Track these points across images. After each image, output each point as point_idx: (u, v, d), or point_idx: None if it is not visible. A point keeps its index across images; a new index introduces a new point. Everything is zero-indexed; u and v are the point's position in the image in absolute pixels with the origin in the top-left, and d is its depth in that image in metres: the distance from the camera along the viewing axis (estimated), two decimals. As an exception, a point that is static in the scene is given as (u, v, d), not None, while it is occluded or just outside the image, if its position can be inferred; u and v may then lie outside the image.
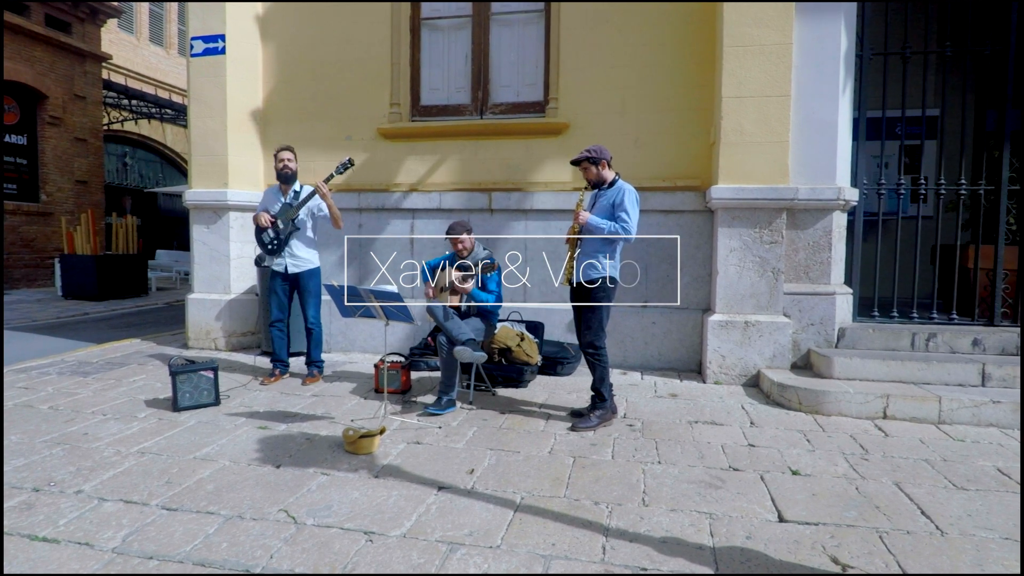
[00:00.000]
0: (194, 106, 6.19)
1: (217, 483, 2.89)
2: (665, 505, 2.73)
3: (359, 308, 3.87)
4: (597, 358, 3.86)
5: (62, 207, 12.92)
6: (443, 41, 6.04)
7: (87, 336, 7.25)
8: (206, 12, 6.06)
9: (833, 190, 4.69)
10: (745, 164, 4.77)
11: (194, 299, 6.23)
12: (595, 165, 3.84)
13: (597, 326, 3.84)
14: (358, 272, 6.11)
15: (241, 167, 6.18)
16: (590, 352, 3.87)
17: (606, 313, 3.86)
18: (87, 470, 3.02)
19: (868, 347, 4.73)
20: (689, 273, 5.39)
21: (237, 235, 6.19)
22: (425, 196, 5.91)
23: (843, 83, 4.69)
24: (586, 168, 3.87)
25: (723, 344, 4.87)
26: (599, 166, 3.84)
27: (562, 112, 5.62)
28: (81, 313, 9.24)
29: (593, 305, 3.81)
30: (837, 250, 4.85)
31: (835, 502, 2.78)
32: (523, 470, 3.12)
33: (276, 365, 4.92)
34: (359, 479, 2.97)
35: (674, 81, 5.37)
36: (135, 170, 17.72)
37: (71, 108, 13.12)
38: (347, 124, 6.09)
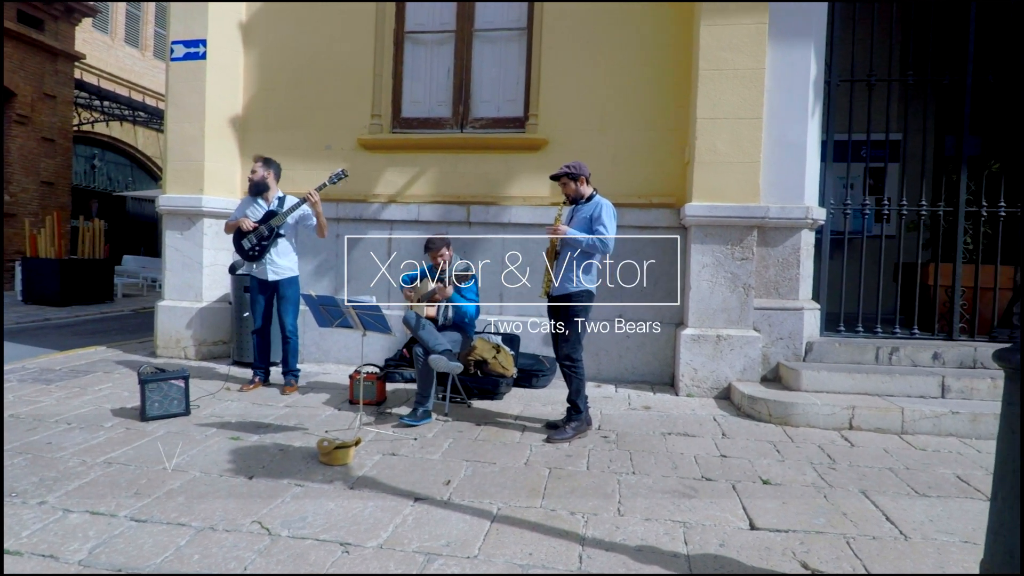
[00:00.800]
0: (172, 110, 6.12)
1: (187, 494, 2.84)
2: (640, 514, 2.77)
3: (336, 317, 3.85)
4: (573, 370, 3.90)
5: (26, 208, 12.57)
6: (426, 55, 6.09)
7: (49, 343, 7.04)
8: (189, 16, 6.01)
9: (802, 209, 4.84)
10: (718, 183, 4.90)
11: (164, 306, 6.11)
12: (574, 181, 3.90)
13: (575, 339, 3.88)
14: (334, 282, 6.07)
15: (218, 173, 6.12)
16: (567, 364, 3.91)
17: (583, 326, 3.91)
18: (51, 480, 2.95)
19: (835, 360, 4.87)
20: (663, 288, 5.48)
21: (211, 242, 6.11)
22: (404, 208, 5.91)
23: (812, 107, 4.87)
24: (565, 183, 3.93)
25: (695, 357, 4.96)
26: (578, 182, 3.90)
27: (542, 128, 5.70)
28: (42, 319, 8.98)
29: (570, 314, 3.85)
30: (805, 267, 4.99)
31: (804, 510, 2.85)
32: (499, 481, 3.13)
33: (257, 372, 4.89)
34: (334, 490, 2.95)
35: (651, 102, 5.49)
36: (104, 172, 17.33)
37: (40, 107, 12.80)
38: (328, 133, 6.09)
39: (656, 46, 5.47)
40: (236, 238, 4.77)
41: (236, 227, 4.72)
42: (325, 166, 6.02)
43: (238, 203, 4.86)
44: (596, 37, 5.58)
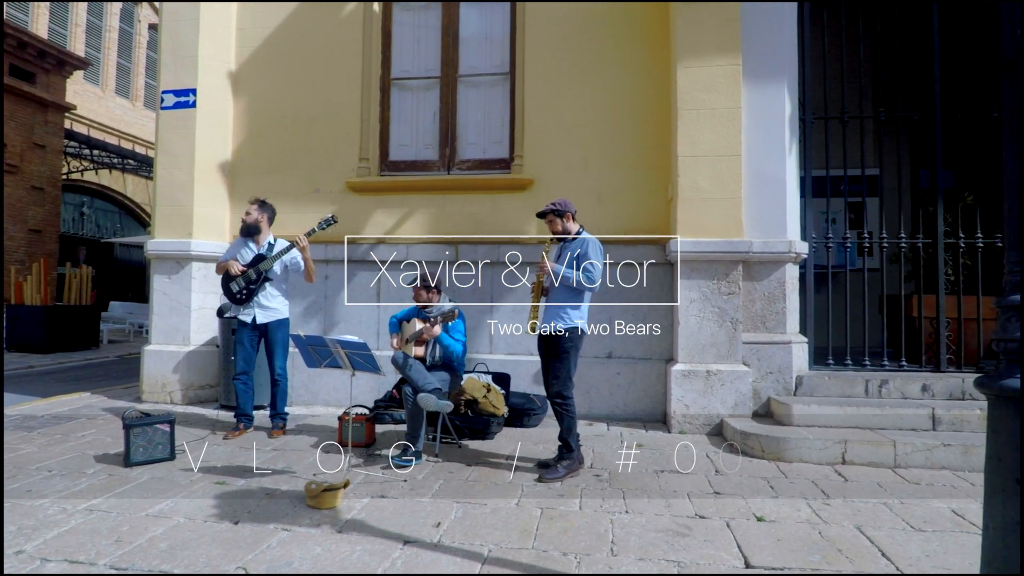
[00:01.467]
0: (161, 157, 6.18)
1: (171, 541, 2.77)
2: (633, 554, 2.72)
3: (325, 357, 3.83)
4: (565, 408, 3.87)
5: (13, 256, 12.53)
6: (412, 100, 6.24)
7: (32, 390, 6.92)
8: (179, 67, 6.14)
9: (784, 243, 4.93)
10: (701, 219, 4.99)
11: (151, 351, 6.05)
12: (560, 217, 3.96)
13: (565, 376, 3.87)
14: (323, 323, 6.06)
15: (206, 218, 6.15)
16: (558, 402, 3.88)
17: (574, 363, 3.90)
18: (29, 529, 2.86)
19: (825, 394, 4.88)
20: (651, 323, 5.51)
21: (200, 285, 6.10)
22: (392, 248, 5.95)
23: (789, 144, 5.01)
24: (551, 220, 3.99)
25: (686, 393, 4.95)
26: (564, 218, 3.96)
27: (527, 168, 5.81)
28: (26, 366, 8.85)
29: (560, 351, 3.85)
30: (791, 300, 5.05)
31: (799, 547, 2.81)
32: (491, 522, 3.08)
33: (241, 419, 4.79)
34: (322, 534, 2.88)
35: (633, 141, 5.63)
36: (93, 220, 17.36)
37: (29, 156, 12.91)
38: (316, 177, 6.17)
39: (636, 87, 5.65)
40: (224, 281, 4.76)
41: (224, 268, 4.72)
42: (314, 209, 6.08)
43: (227, 246, 4.87)
44: (578, 80, 5.75)
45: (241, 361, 4.74)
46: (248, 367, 4.77)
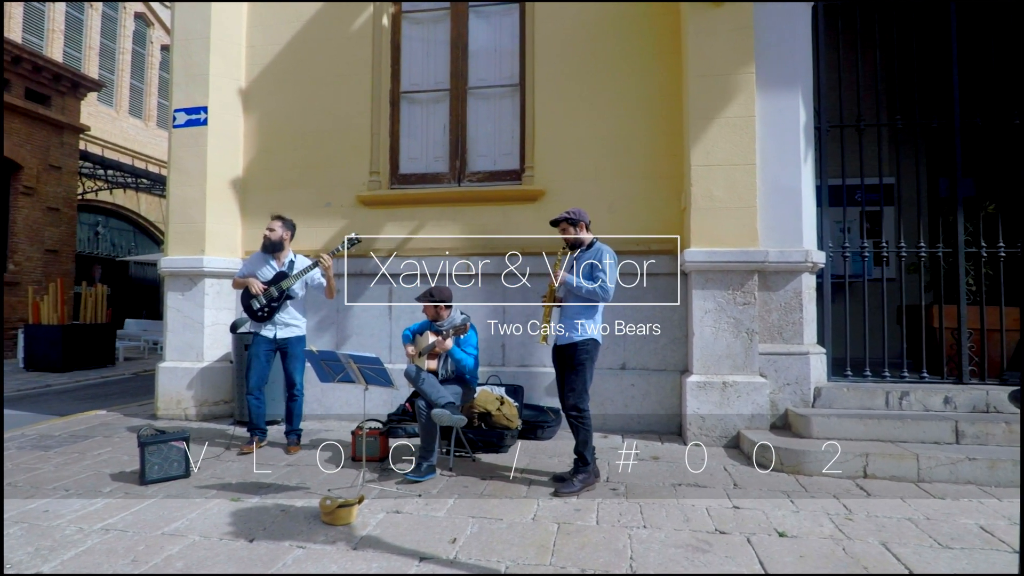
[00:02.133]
0: (174, 175, 6.25)
1: (187, 560, 2.75)
2: (653, 570, 2.67)
3: (338, 372, 3.82)
4: (580, 421, 3.83)
5: (30, 276, 12.68)
6: (422, 113, 6.27)
7: (49, 409, 6.97)
8: (191, 85, 6.22)
9: (801, 253, 4.87)
10: (716, 228, 4.95)
11: (165, 367, 6.08)
12: (573, 226, 3.94)
13: (580, 388, 3.82)
14: (336, 338, 6.06)
15: (219, 234, 6.19)
16: (573, 415, 3.84)
17: (589, 375, 3.85)
18: (47, 550, 2.86)
19: (844, 406, 4.79)
20: (666, 335, 5.46)
21: (212, 302, 6.13)
22: (403, 261, 5.96)
23: (804, 152, 4.97)
24: (564, 229, 3.97)
25: (702, 405, 4.89)
26: (577, 227, 3.94)
27: (538, 179, 5.80)
28: (43, 385, 8.91)
29: (576, 363, 3.81)
30: (808, 311, 4.98)
31: (823, 564, 2.75)
32: (507, 538, 3.03)
33: (255, 433, 4.77)
34: (337, 551, 2.85)
35: (646, 150, 5.61)
36: (108, 239, 17.55)
37: (45, 178, 13.09)
38: (327, 192, 6.20)
39: (648, 97, 5.63)
40: (244, 297, 4.75)
41: (244, 285, 4.72)
42: (326, 224, 6.11)
43: (240, 261, 4.87)
44: (588, 90, 5.75)
45: (255, 376, 4.72)
46: (262, 382, 4.76)
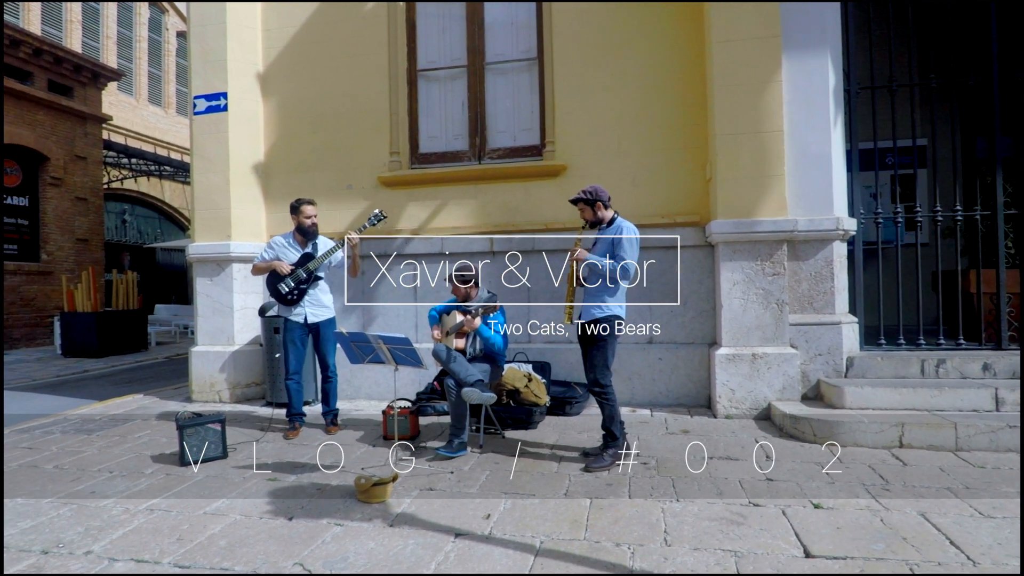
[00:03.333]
0: (197, 162, 6.29)
1: (229, 538, 2.82)
2: (688, 544, 2.67)
3: (367, 353, 3.85)
4: (604, 396, 3.82)
5: (63, 265, 12.97)
6: (440, 91, 6.20)
7: (89, 393, 7.17)
8: (209, 71, 6.23)
9: (832, 220, 4.76)
10: (743, 198, 4.85)
11: (198, 352, 6.20)
12: (591, 206, 3.88)
13: (602, 364, 3.80)
14: (361, 319, 6.11)
15: (243, 219, 6.25)
16: (596, 391, 3.83)
17: (611, 352, 3.82)
18: (96, 530, 2.95)
19: (878, 375, 4.72)
20: (693, 307, 5.41)
21: (240, 286, 6.21)
22: (427, 241, 5.96)
23: (833, 117, 4.82)
24: (583, 208, 3.92)
25: (732, 378, 4.85)
26: (595, 207, 3.88)
27: (559, 154, 5.73)
28: (81, 371, 9.17)
29: (597, 339, 3.78)
30: (839, 279, 4.88)
31: (861, 535, 2.72)
32: (540, 513, 3.06)
33: (295, 419, 4.78)
34: (374, 528, 2.91)
35: (669, 120, 5.50)
36: (134, 226, 17.87)
37: (72, 169, 13.30)
38: (348, 174, 6.20)
39: (670, 65, 5.50)
40: (271, 281, 4.74)
41: (268, 269, 4.71)
42: (347, 205, 6.13)
43: (269, 245, 4.87)
44: (608, 61, 5.63)
45: (294, 361, 4.73)
46: (300, 366, 4.78)
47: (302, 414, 4.85)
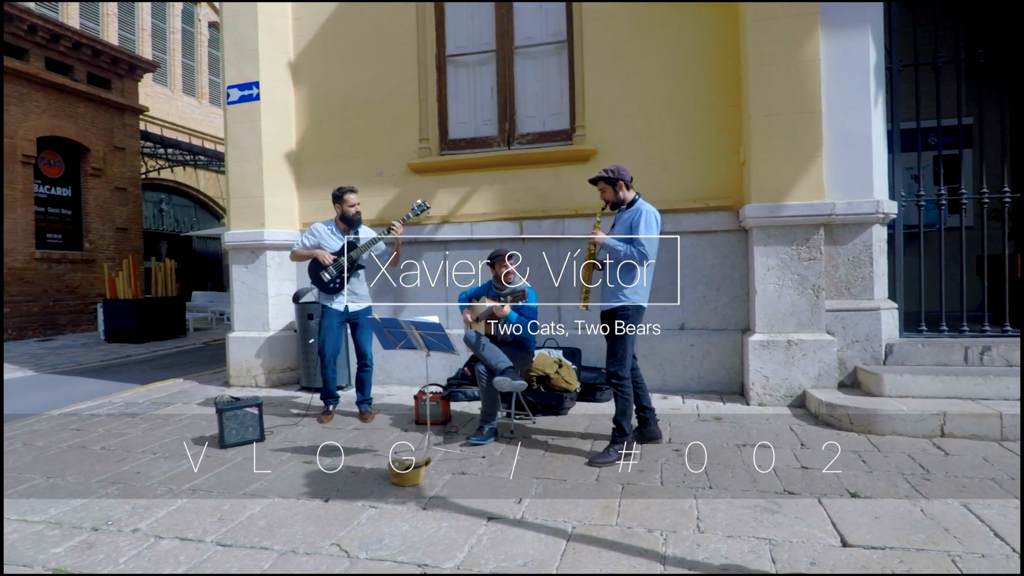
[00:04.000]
0: (231, 151, 6.40)
1: (268, 518, 2.90)
2: (721, 531, 2.66)
3: (400, 339, 3.90)
4: (620, 389, 3.68)
5: (104, 254, 13.38)
6: (468, 76, 6.18)
7: (131, 377, 7.41)
8: (241, 61, 6.30)
9: (871, 204, 4.62)
10: (778, 182, 4.74)
11: (234, 337, 6.35)
12: (611, 185, 3.73)
13: (621, 355, 3.66)
14: (393, 304, 6.17)
15: (277, 208, 6.34)
16: (613, 383, 3.70)
17: (631, 343, 3.68)
18: (142, 508, 3.06)
19: (918, 363, 4.59)
20: (726, 293, 5.33)
21: (275, 273, 6.32)
22: (457, 227, 5.98)
23: (874, 96, 4.66)
24: (603, 188, 3.79)
25: (765, 364, 4.78)
26: (616, 186, 3.73)
27: (589, 139, 5.67)
28: (124, 355, 9.48)
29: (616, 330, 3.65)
30: (879, 264, 4.75)
31: (900, 525, 2.67)
32: (571, 498, 3.07)
33: (329, 402, 4.83)
34: (408, 511, 2.95)
35: (701, 103, 5.39)
36: (171, 215, 18.31)
37: (111, 159, 13.66)
38: (378, 161, 6.23)
39: (702, 46, 5.37)
40: (313, 270, 4.72)
41: (310, 257, 4.68)
42: (378, 193, 6.17)
43: (298, 233, 4.90)
44: (639, 43, 5.52)
45: (331, 348, 4.71)
46: (337, 353, 4.77)
47: (336, 398, 4.90)
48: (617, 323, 3.66)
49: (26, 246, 11.76)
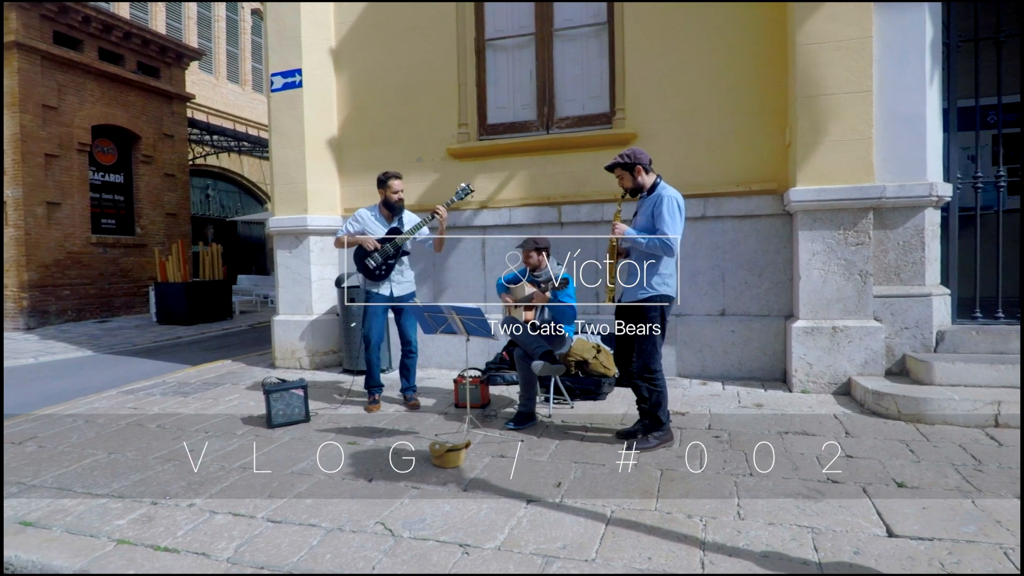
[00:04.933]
0: (275, 138, 6.54)
1: (315, 496, 3.01)
2: (762, 519, 2.64)
3: (440, 324, 3.95)
4: (653, 383, 3.55)
5: (154, 238, 13.86)
6: (507, 60, 6.15)
7: (182, 358, 7.71)
8: (284, 48, 6.41)
9: (924, 186, 4.45)
10: (825, 164, 4.60)
11: (279, 320, 6.53)
12: (629, 171, 3.56)
13: (651, 348, 3.53)
14: (432, 290, 6.25)
15: (319, 193, 6.47)
16: (645, 377, 3.56)
17: (662, 336, 3.56)
18: (196, 484, 3.21)
19: (972, 351, 4.44)
20: (769, 279, 5.23)
21: (317, 258, 6.46)
22: (495, 212, 6.00)
23: (930, 73, 4.47)
24: (620, 175, 3.61)
25: (809, 351, 4.68)
26: (634, 172, 3.55)
27: (629, 122, 5.59)
28: (175, 337, 9.85)
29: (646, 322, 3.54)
30: (931, 249, 4.58)
31: (949, 516, 2.61)
32: (610, 483, 3.09)
33: (375, 390, 4.75)
34: (449, 492, 3.02)
35: (745, 84, 5.25)
36: (217, 201, 18.81)
37: (161, 147, 14.09)
38: (417, 146, 6.28)
39: (746, 25, 5.22)
40: (359, 256, 4.63)
41: (354, 243, 4.60)
42: (417, 178, 6.22)
43: (340, 219, 4.92)
44: (681, 23, 5.40)
45: (376, 334, 4.68)
46: (381, 339, 4.76)
47: (381, 386, 4.83)
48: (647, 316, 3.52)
49: (83, 231, 12.27)
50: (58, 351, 8.51)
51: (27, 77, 11.08)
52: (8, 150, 10.98)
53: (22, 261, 11.12)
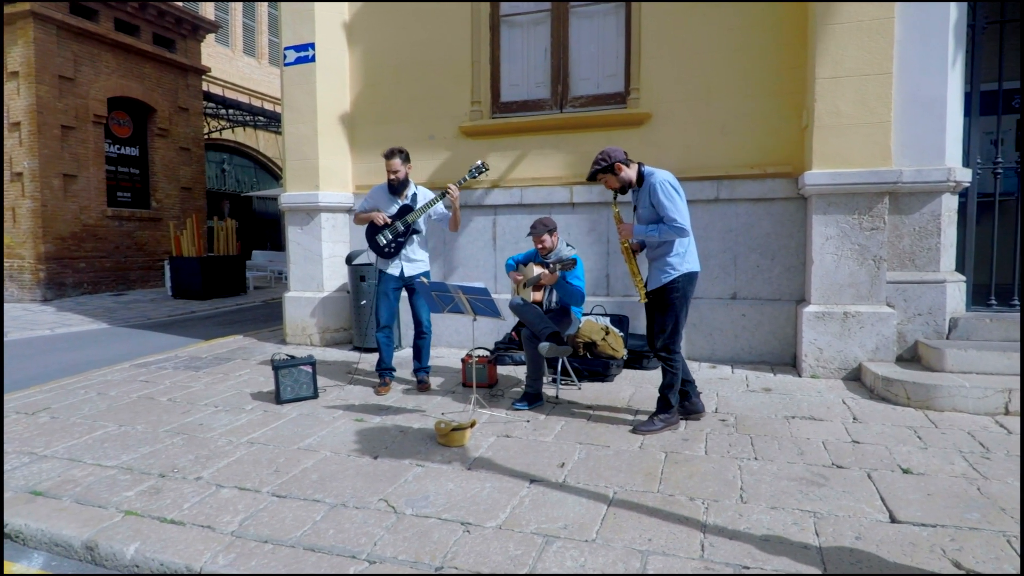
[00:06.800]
0: (287, 113, 6.52)
1: (320, 472, 3.05)
2: (765, 502, 2.65)
3: (447, 303, 3.96)
4: (671, 364, 3.58)
5: (170, 212, 13.96)
6: (522, 37, 6.06)
7: (195, 333, 7.81)
8: (298, 21, 6.36)
9: (942, 171, 4.36)
10: (842, 148, 4.52)
11: (291, 297, 6.58)
12: (611, 173, 3.55)
13: (672, 328, 3.56)
14: (443, 269, 6.25)
15: (331, 170, 6.46)
16: (663, 356, 3.59)
17: (684, 314, 3.59)
18: (204, 458, 3.27)
19: (985, 338, 4.38)
20: (781, 263, 5.17)
21: (329, 235, 6.48)
22: (506, 192, 5.96)
23: (952, 56, 4.34)
24: (605, 179, 3.60)
25: (820, 336, 4.64)
26: (615, 170, 3.53)
27: (644, 102, 5.51)
28: (189, 311, 9.97)
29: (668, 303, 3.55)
30: (947, 235, 4.51)
31: (954, 503, 2.60)
32: (614, 464, 3.11)
33: (386, 373, 4.68)
34: (453, 471, 3.05)
35: (763, 64, 5.14)
36: (232, 175, 18.87)
37: (176, 120, 14.11)
38: (430, 123, 6.24)
39: (764, 5, 5.09)
40: (370, 233, 4.57)
41: (368, 220, 4.53)
42: (429, 155, 6.19)
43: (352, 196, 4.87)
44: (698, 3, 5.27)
45: (385, 314, 4.59)
46: (392, 320, 4.67)
47: (392, 369, 4.74)
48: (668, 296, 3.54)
49: (99, 204, 12.37)
50: (74, 323, 8.66)
51: (43, 47, 11.09)
52: (24, 121, 11.06)
53: (39, 233, 11.24)
